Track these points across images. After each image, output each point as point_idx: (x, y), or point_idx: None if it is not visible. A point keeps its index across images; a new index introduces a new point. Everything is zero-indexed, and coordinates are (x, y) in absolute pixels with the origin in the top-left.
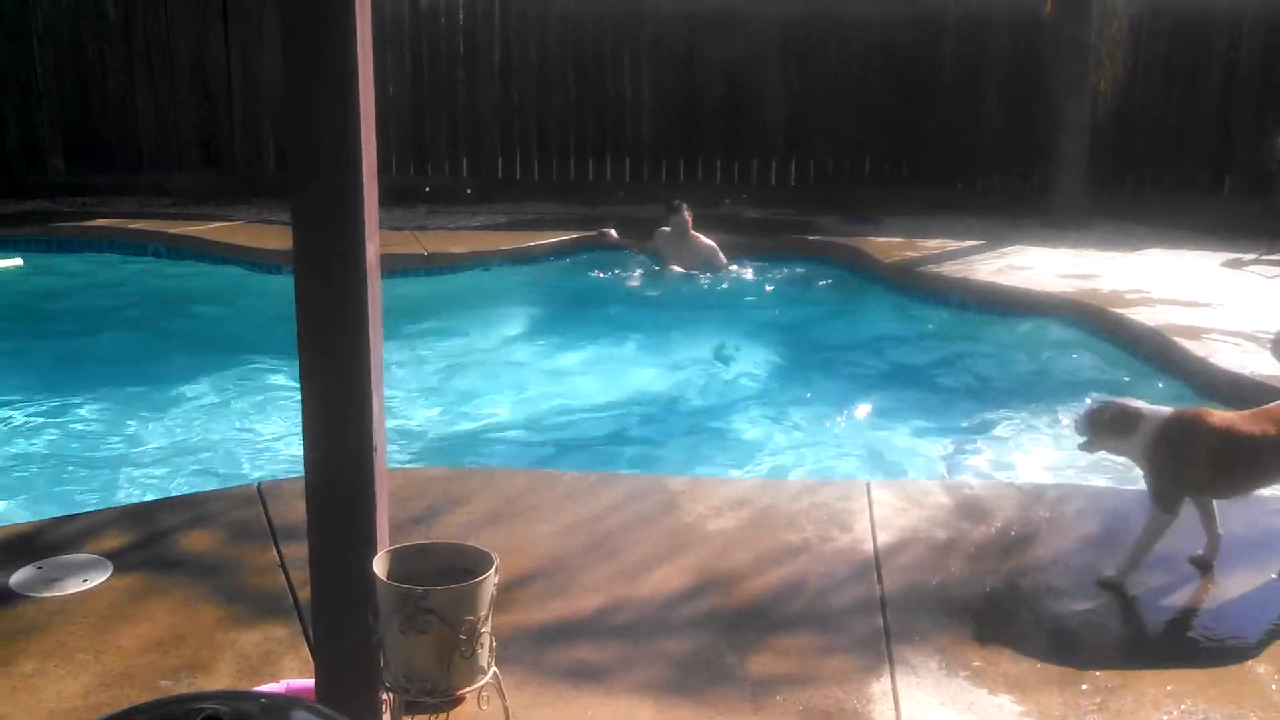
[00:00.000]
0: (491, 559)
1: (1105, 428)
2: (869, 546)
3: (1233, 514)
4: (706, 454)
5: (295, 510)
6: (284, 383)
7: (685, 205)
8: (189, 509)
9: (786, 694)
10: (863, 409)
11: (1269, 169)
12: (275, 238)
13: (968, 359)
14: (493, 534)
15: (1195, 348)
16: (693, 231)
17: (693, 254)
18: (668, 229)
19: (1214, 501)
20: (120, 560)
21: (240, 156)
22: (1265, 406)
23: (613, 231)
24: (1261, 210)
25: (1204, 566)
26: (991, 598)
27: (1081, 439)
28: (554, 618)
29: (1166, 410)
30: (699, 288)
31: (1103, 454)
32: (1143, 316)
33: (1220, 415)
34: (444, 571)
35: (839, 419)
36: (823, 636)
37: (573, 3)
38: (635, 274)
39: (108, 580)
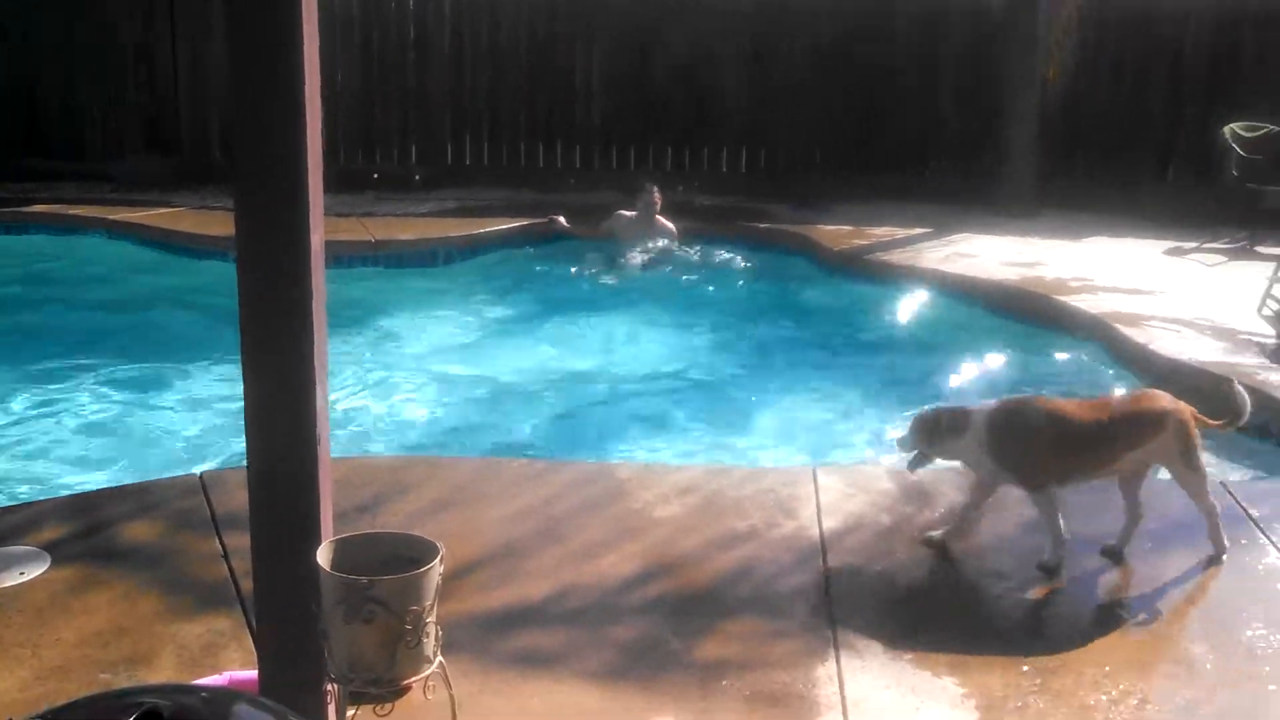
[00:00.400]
0: (437, 548)
1: (940, 432)
2: (815, 532)
3: (1166, 496)
4: (654, 441)
5: (238, 500)
6: (227, 371)
7: (655, 188)
8: (129, 499)
9: (733, 678)
10: (809, 395)
11: (1213, 159)
12: (219, 224)
13: (913, 345)
14: (439, 522)
15: (1136, 334)
16: (658, 215)
17: (654, 236)
18: (628, 212)
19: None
20: (58, 552)
21: (186, 143)
22: (1100, 397)
23: (562, 219)
24: (1204, 199)
25: (1050, 572)
26: (935, 582)
27: (911, 452)
28: (501, 605)
29: (993, 403)
30: (646, 275)
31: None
32: (1085, 304)
33: (1048, 403)
34: (389, 561)
35: (785, 405)
36: (769, 621)
37: None
38: (584, 261)
39: (45, 573)
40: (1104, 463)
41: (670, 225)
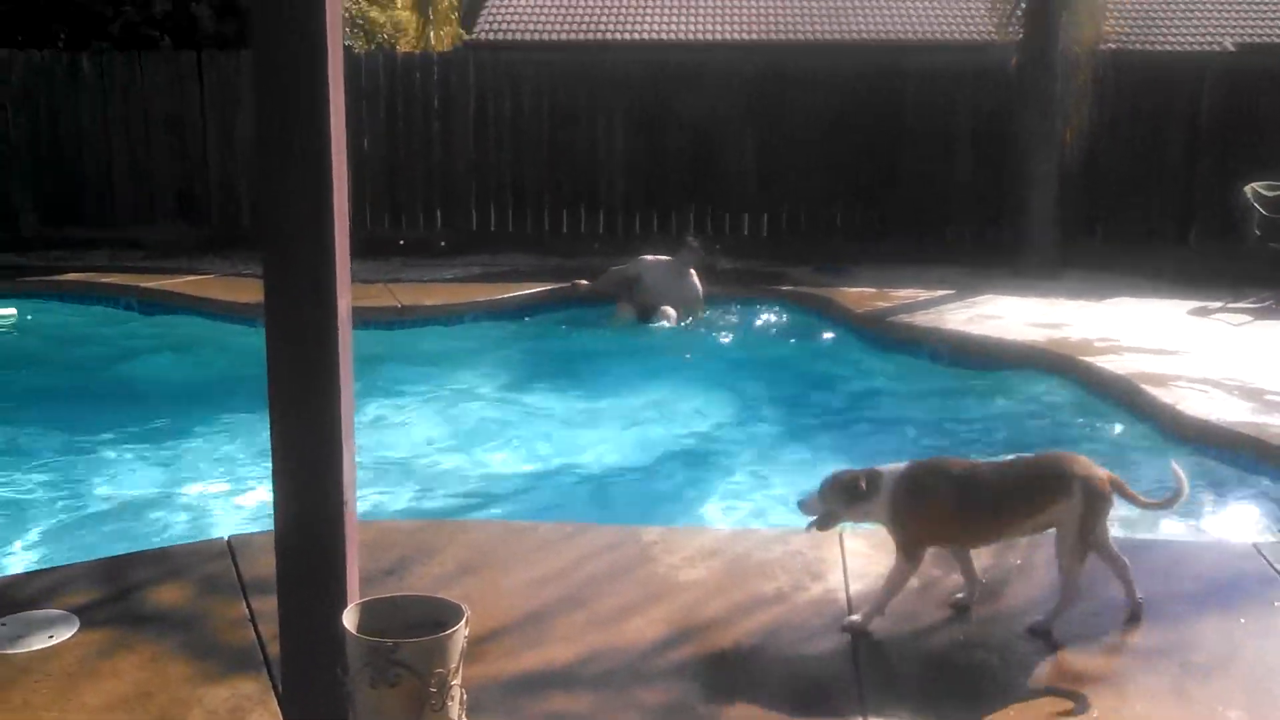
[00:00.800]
0: (462, 610)
1: (853, 494)
2: (842, 595)
3: (1199, 556)
4: (680, 504)
5: (265, 564)
6: (255, 436)
7: (698, 243)
8: (157, 564)
9: None
10: (837, 456)
11: (1234, 219)
12: (248, 291)
13: (939, 407)
14: (465, 586)
15: (1163, 395)
16: (692, 269)
17: (685, 291)
18: (657, 259)
19: (971, 550)
20: (87, 616)
21: (215, 211)
22: (1011, 457)
23: (584, 282)
24: (1226, 259)
25: (963, 609)
26: (964, 645)
27: (817, 515)
28: (527, 669)
29: (904, 465)
30: (672, 338)
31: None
32: (1112, 364)
33: (960, 464)
34: (415, 624)
35: (813, 467)
36: (797, 686)
37: (544, 58)
38: (609, 326)
39: (74, 636)
40: (1010, 524)
41: (699, 284)
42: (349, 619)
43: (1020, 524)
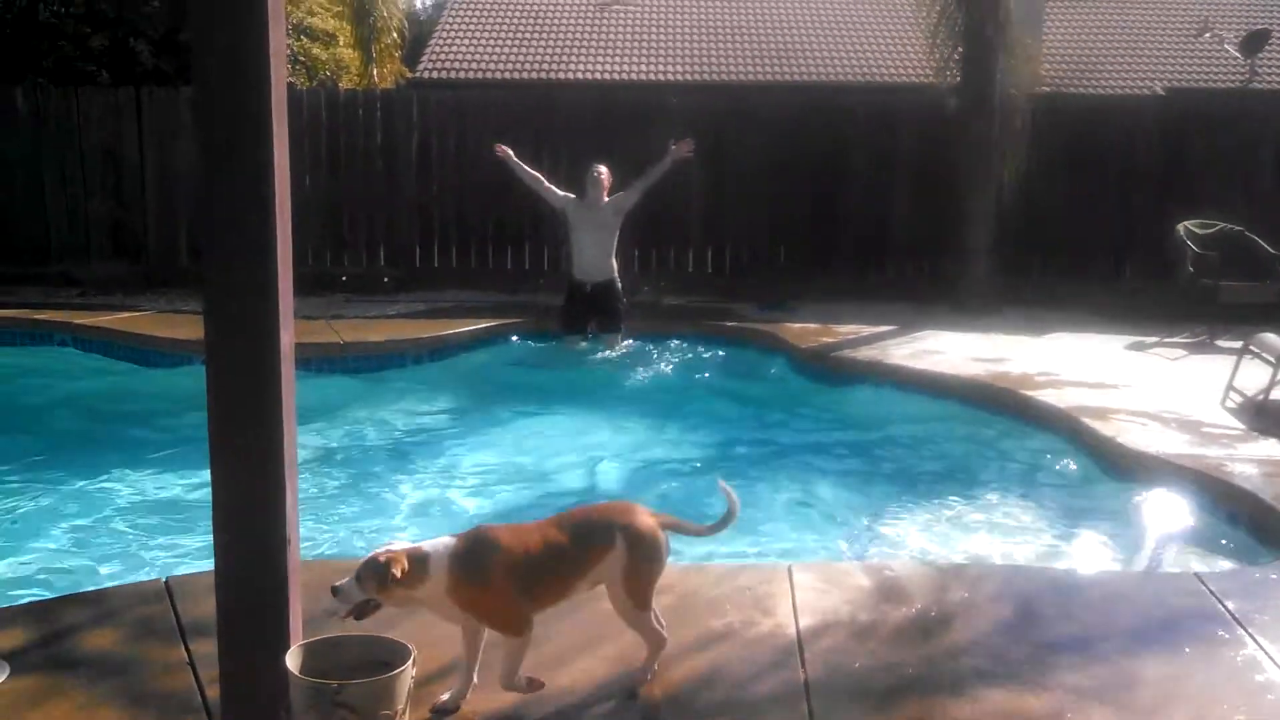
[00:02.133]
0: (409, 651)
1: (394, 579)
2: (792, 630)
3: (1141, 590)
4: None
5: (205, 606)
6: (195, 474)
7: (604, 167)
8: (92, 606)
9: None
10: (783, 490)
11: (1168, 257)
12: (187, 328)
13: (883, 440)
14: (410, 625)
15: (1103, 427)
16: (605, 194)
17: (601, 212)
18: (573, 195)
19: (481, 633)
20: (18, 661)
21: (152, 247)
22: (560, 513)
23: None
24: (1161, 296)
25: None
26: (913, 681)
27: (351, 603)
28: (473, 710)
29: (452, 540)
30: (618, 373)
31: (1021, 524)
32: (1052, 398)
33: (509, 529)
34: (360, 665)
35: (760, 501)
36: None
37: (489, 95)
38: (553, 361)
39: (5, 681)
40: (568, 586)
41: (611, 200)
42: (292, 660)
43: (579, 581)
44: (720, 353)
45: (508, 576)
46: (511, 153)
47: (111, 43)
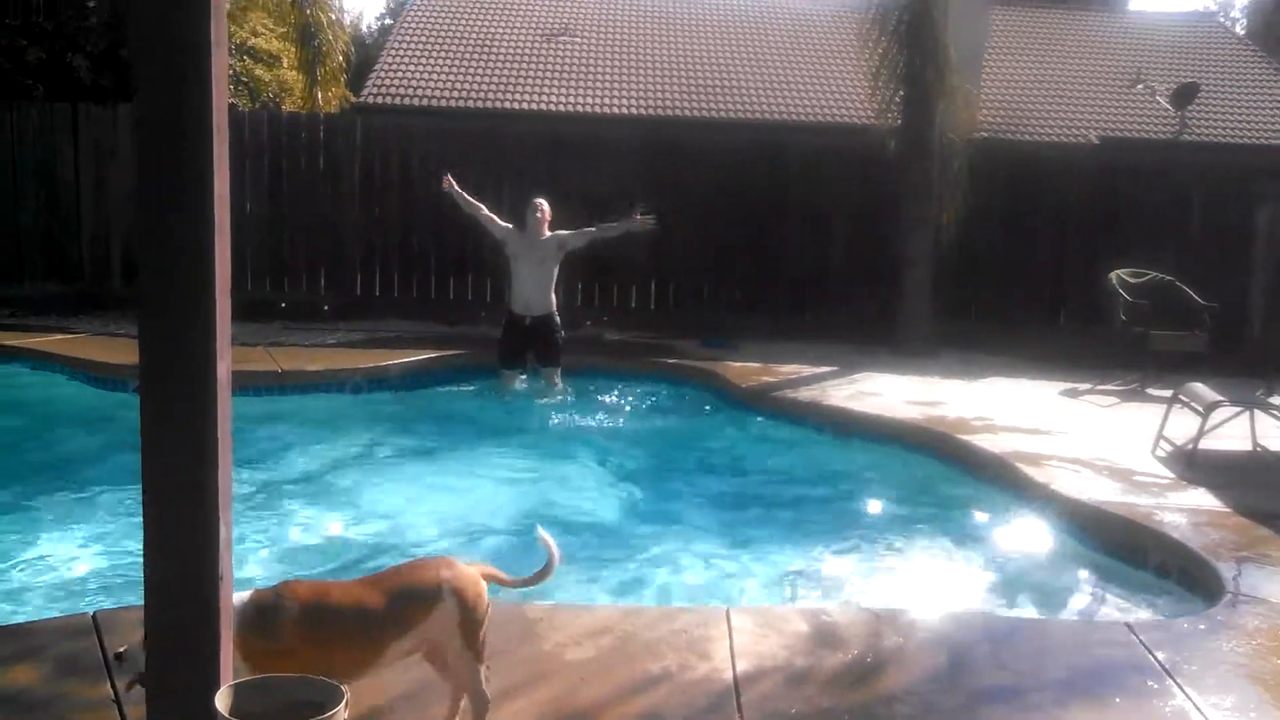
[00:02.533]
0: (341, 692)
1: None
2: (729, 675)
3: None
4: (564, 580)
5: (134, 640)
6: (125, 505)
7: (544, 201)
8: (15, 640)
9: None
10: (722, 533)
11: (1100, 304)
12: (122, 351)
13: (821, 481)
14: None
15: (1037, 474)
16: (545, 228)
17: (539, 246)
18: (513, 227)
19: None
20: None
21: (87, 268)
22: (375, 573)
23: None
24: (1094, 342)
25: None
26: None
27: (139, 670)
28: None
29: (244, 595)
30: (555, 409)
31: (955, 569)
32: (987, 443)
33: (311, 586)
34: (290, 706)
35: (698, 543)
36: None
37: (434, 123)
38: (491, 396)
39: None
40: (379, 653)
41: (555, 234)
42: (221, 701)
43: (397, 643)
44: (660, 390)
45: (303, 637)
46: (455, 184)
47: (49, 56)
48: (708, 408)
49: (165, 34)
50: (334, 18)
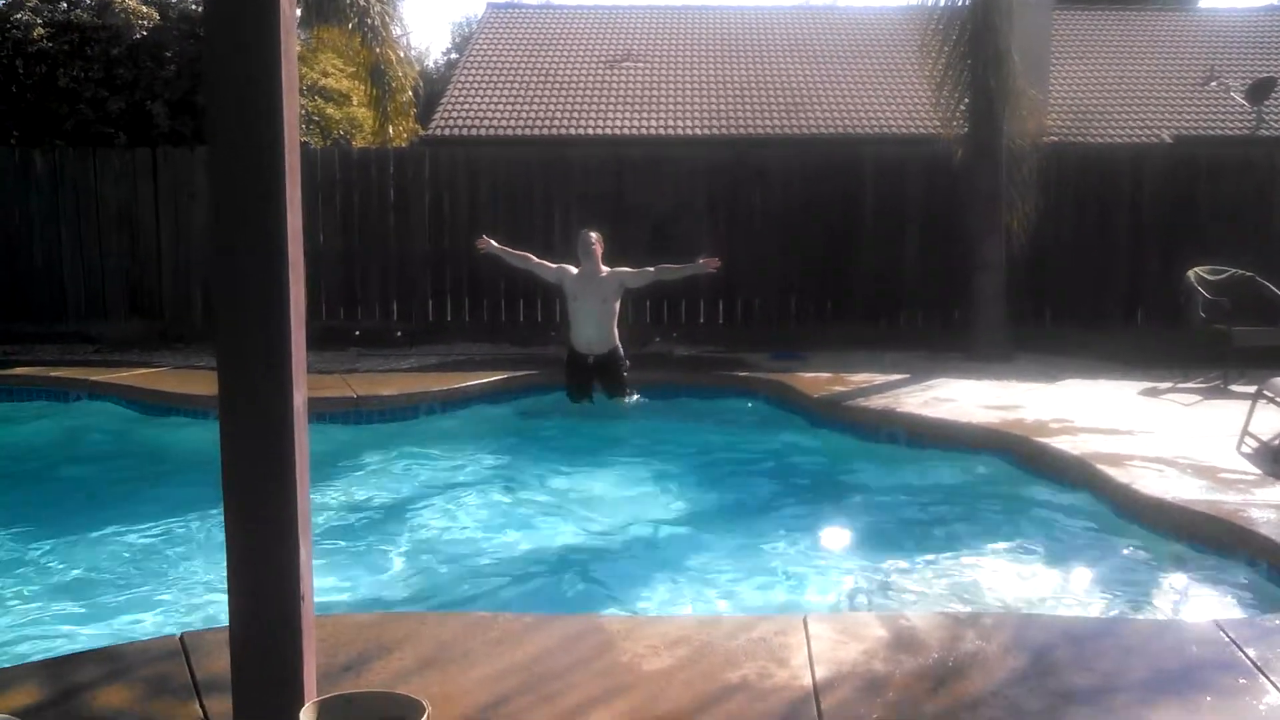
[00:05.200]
0: (423, 707)
1: None
2: (808, 682)
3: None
4: (642, 592)
5: (220, 662)
6: (208, 531)
7: (595, 234)
8: (107, 663)
9: None
10: (797, 542)
11: (1178, 302)
12: (202, 383)
13: (898, 489)
14: (424, 681)
15: (1119, 474)
16: (601, 264)
17: (599, 284)
18: (573, 268)
19: None
20: (34, 719)
21: (167, 304)
22: None
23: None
24: (1173, 340)
25: None
26: None
27: None
28: None
29: None
30: (631, 426)
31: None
32: (1066, 445)
33: None
34: None
35: (774, 552)
36: None
37: (500, 151)
38: (566, 414)
39: None
40: None
41: (615, 272)
42: (306, 717)
43: None
44: (731, 403)
45: None
46: (494, 242)
47: (129, 106)
48: (781, 418)
49: (238, 78)
50: (402, 55)
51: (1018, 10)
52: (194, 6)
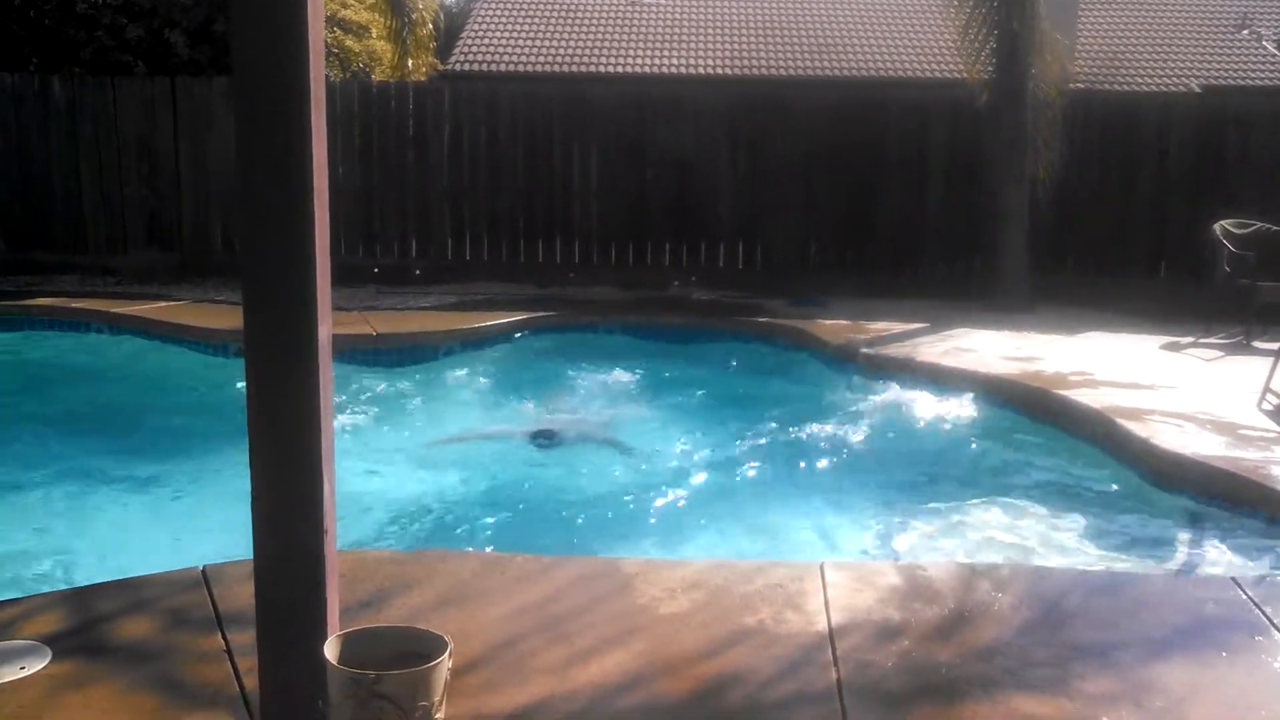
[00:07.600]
0: (445, 642)
1: None
2: (823, 628)
3: (1159, 601)
4: (659, 535)
5: (242, 595)
6: (232, 463)
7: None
8: (130, 593)
9: None
10: (815, 488)
11: (1203, 255)
12: (222, 317)
13: (915, 438)
14: (444, 618)
15: (1138, 428)
16: None
17: None
18: None
19: None
20: (58, 646)
21: (187, 237)
22: None
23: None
24: (1197, 294)
25: None
26: (945, 680)
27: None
28: (507, 703)
29: None
30: (649, 366)
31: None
32: (1086, 398)
33: None
34: (396, 656)
35: (790, 498)
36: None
37: (520, 88)
38: (585, 355)
39: (46, 667)
40: None
41: None
42: (330, 650)
43: None
44: (750, 348)
45: None
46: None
47: (147, 33)
48: (799, 365)
49: (264, 9)
50: None
51: None
52: None
